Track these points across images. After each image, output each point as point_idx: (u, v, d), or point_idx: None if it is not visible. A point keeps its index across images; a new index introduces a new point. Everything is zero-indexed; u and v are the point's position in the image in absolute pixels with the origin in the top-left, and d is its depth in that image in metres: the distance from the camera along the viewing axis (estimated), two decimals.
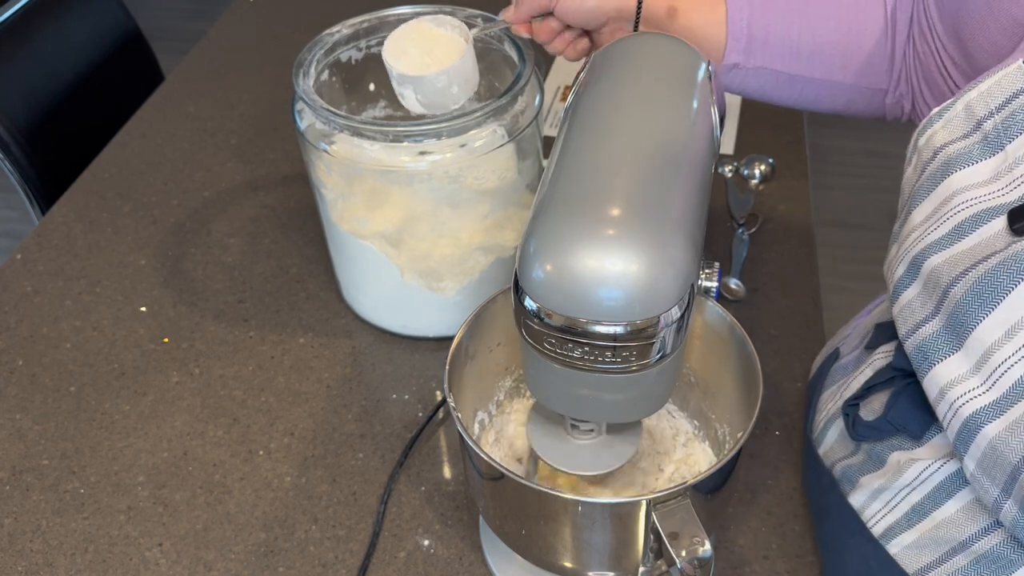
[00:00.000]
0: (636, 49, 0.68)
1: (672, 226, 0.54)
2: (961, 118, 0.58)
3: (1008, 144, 0.55)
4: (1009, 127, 0.55)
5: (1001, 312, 0.53)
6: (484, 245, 0.91)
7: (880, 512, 0.66)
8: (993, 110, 0.56)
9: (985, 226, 0.55)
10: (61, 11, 1.43)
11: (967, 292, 0.55)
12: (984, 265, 0.54)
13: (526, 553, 0.70)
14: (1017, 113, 0.55)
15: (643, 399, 0.61)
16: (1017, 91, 0.55)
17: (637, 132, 0.60)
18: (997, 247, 0.54)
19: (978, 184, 0.56)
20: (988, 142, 0.56)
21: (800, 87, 0.80)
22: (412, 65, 0.82)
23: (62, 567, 0.78)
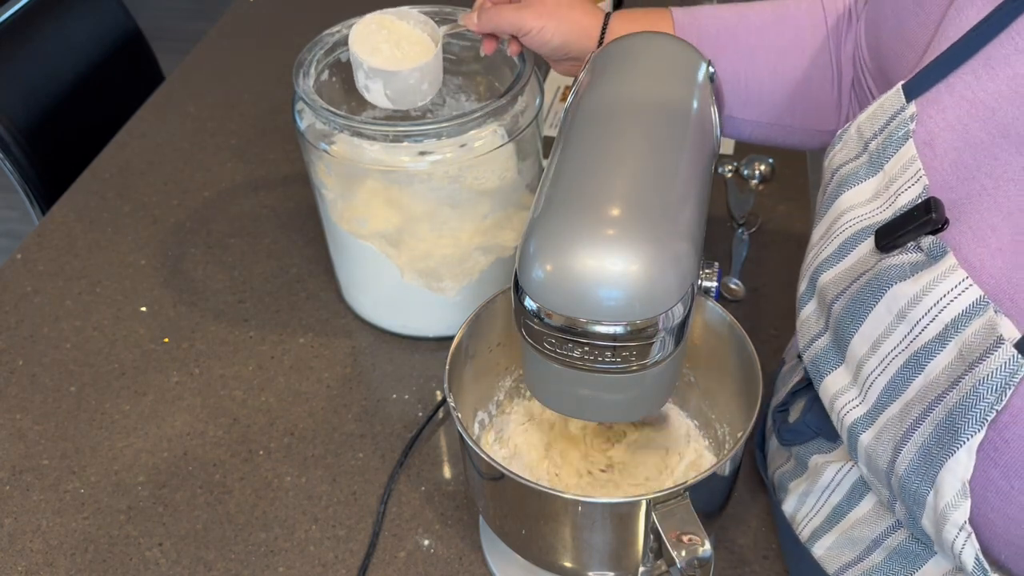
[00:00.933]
0: (636, 49, 0.68)
1: (672, 226, 0.54)
2: (854, 139, 0.61)
3: (886, 163, 0.57)
4: (887, 146, 0.57)
5: (866, 327, 0.56)
6: (484, 245, 0.91)
7: (807, 517, 0.68)
8: (877, 131, 0.59)
9: (862, 244, 0.57)
10: (61, 11, 1.43)
11: (843, 308, 0.58)
12: (857, 283, 0.57)
13: (526, 553, 0.70)
14: (894, 133, 0.57)
15: (643, 399, 0.61)
16: (896, 112, 0.57)
17: (637, 132, 0.60)
18: (869, 265, 0.56)
19: (862, 203, 0.58)
20: (872, 162, 0.58)
21: (750, 129, 0.82)
22: (383, 60, 0.82)
23: (62, 567, 0.78)
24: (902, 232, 0.53)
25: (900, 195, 0.55)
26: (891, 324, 0.54)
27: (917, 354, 0.52)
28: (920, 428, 0.52)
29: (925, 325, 0.52)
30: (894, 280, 0.54)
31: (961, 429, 0.49)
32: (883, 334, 0.55)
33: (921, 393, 0.52)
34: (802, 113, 0.79)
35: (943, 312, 0.51)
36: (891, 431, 0.54)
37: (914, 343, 0.53)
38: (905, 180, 0.55)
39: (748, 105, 0.79)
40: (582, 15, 0.80)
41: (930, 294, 0.51)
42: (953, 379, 0.50)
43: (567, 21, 0.80)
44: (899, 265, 0.54)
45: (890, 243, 0.54)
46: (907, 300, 0.53)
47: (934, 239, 0.52)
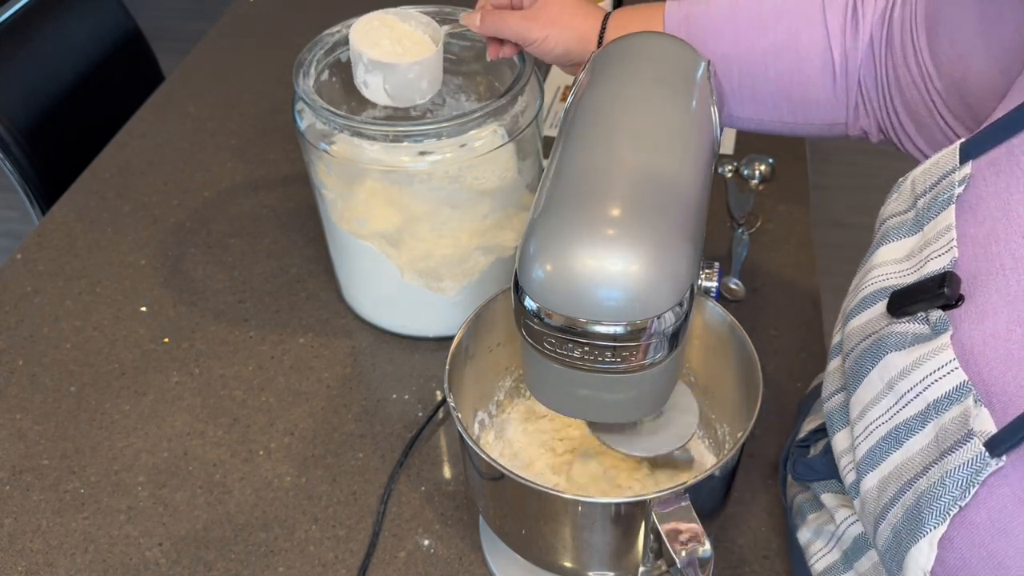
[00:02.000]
0: (636, 49, 0.68)
1: (672, 226, 0.54)
2: (907, 192, 0.59)
3: (926, 224, 0.55)
4: (931, 207, 0.55)
5: (861, 391, 0.55)
6: (484, 245, 0.91)
7: (820, 552, 0.67)
8: (928, 188, 0.56)
9: (878, 303, 0.56)
10: (61, 11, 1.43)
11: (849, 367, 0.56)
12: (863, 344, 0.55)
13: (526, 553, 0.70)
14: (940, 194, 0.55)
15: (643, 399, 0.61)
16: (947, 171, 0.55)
17: (637, 132, 0.60)
18: (877, 327, 0.55)
19: (894, 260, 0.57)
20: (917, 219, 0.57)
21: (752, 125, 0.80)
22: (384, 53, 0.82)
23: (62, 567, 0.78)
24: (915, 301, 0.52)
25: (929, 261, 0.53)
26: (880, 392, 0.53)
27: (898, 428, 0.51)
28: (893, 509, 0.51)
29: (909, 400, 0.51)
30: (890, 349, 0.52)
31: (926, 519, 0.48)
32: (872, 401, 0.54)
33: (898, 470, 0.51)
34: (802, 110, 0.78)
35: (927, 390, 0.50)
36: (871, 504, 0.53)
37: (897, 416, 0.51)
38: (938, 247, 0.53)
39: (744, 104, 0.78)
40: (583, 20, 0.80)
41: (918, 369, 0.50)
42: (926, 464, 0.49)
43: (569, 29, 0.80)
44: (901, 334, 0.52)
45: (901, 310, 0.53)
46: (898, 371, 0.52)
47: (941, 314, 0.50)
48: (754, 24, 0.76)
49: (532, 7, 0.81)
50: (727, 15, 0.77)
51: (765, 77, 0.76)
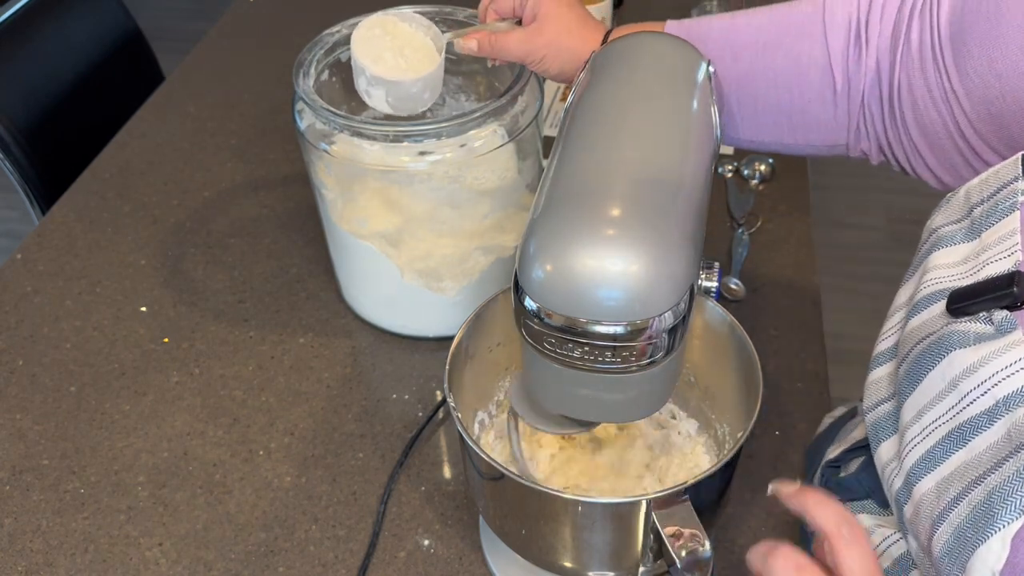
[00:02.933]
0: (636, 49, 0.68)
1: (672, 226, 0.54)
2: (960, 203, 0.59)
3: (984, 231, 0.55)
4: (990, 215, 0.55)
5: (918, 393, 0.53)
6: (484, 245, 0.91)
7: None
8: (985, 198, 0.56)
9: (934, 305, 0.55)
10: (61, 11, 1.43)
11: (905, 371, 0.55)
12: (921, 345, 0.54)
13: (526, 553, 0.70)
14: (1000, 203, 0.55)
15: (643, 399, 0.61)
16: (1008, 181, 0.55)
17: (637, 132, 0.60)
18: (935, 327, 0.54)
19: (948, 265, 0.56)
20: (972, 228, 0.56)
21: (755, 147, 0.80)
22: (387, 68, 0.82)
23: (62, 567, 0.78)
24: (978, 300, 0.51)
25: (988, 265, 0.53)
26: (942, 391, 0.52)
27: (962, 427, 0.50)
28: (957, 508, 0.49)
29: (975, 398, 0.49)
30: (955, 346, 0.51)
31: (998, 515, 0.47)
32: (932, 401, 0.52)
33: (962, 469, 0.50)
34: (801, 132, 0.77)
35: (997, 387, 0.49)
36: (927, 507, 0.52)
37: (960, 415, 0.50)
38: (999, 251, 0.53)
39: (743, 128, 0.78)
40: (582, 44, 0.79)
41: (987, 366, 0.49)
42: (997, 460, 0.48)
43: (566, 52, 0.80)
44: (963, 332, 0.51)
45: (962, 309, 0.52)
46: (963, 369, 0.50)
47: (1007, 314, 0.50)
48: (753, 48, 0.75)
49: (532, 26, 0.81)
50: (726, 39, 0.76)
51: (765, 101, 0.76)
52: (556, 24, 0.80)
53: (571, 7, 0.81)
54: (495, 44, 0.82)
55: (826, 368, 0.92)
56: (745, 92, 0.76)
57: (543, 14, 0.80)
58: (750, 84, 0.76)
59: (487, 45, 0.82)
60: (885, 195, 2.48)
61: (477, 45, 0.83)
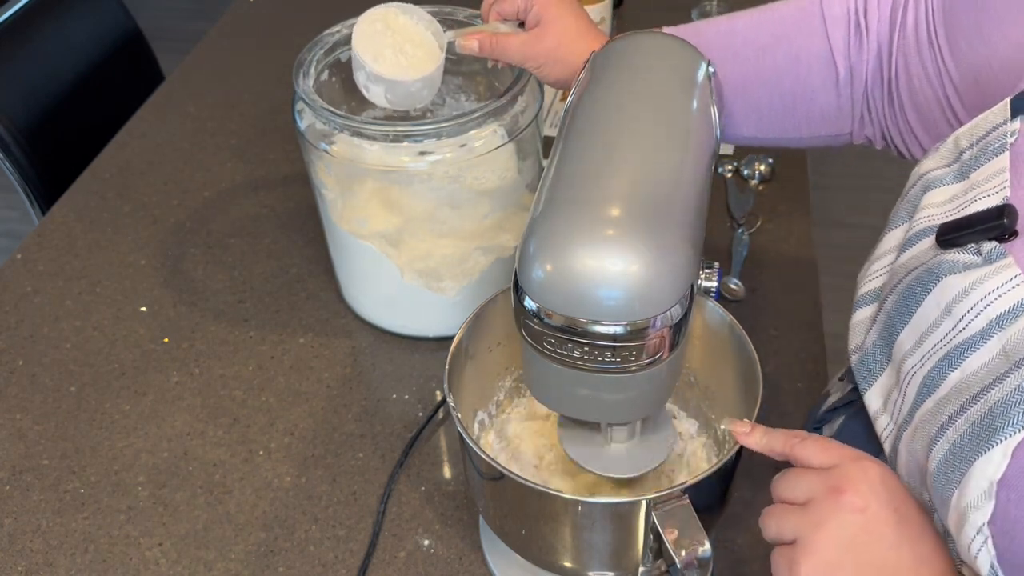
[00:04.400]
0: (636, 49, 0.68)
1: (672, 226, 0.54)
2: (949, 149, 0.60)
3: (973, 172, 0.57)
4: (979, 156, 0.57)
5: (915, 320, 0.55)
6: (484, 245, 0.91)
7: None
8: (974, 142, 0.58)
9: (923, 241, 0.57)
10: (61, 11, 1.43)
11: (895, 303, 0.57)
12: (911, 275, 0.56)
13: (526, 553, 0.70)
14: (990, 144, 0.56)
15: (643, 399, 0.61)
16: (998, 124, 0.57)
17: (637, 132, 0.60)
18: (924, 260, 0.56)
19: (937, 204, 0.58)
20: (961, 170, 0.58)
21: (757, 144, 0.81)
22: (387, 66, 0.82)
23: (62, 567, 0.78)
24: (967, 231, 0.53)
25: (977, 201, 0.55)
26: (938, 318, 0.53)
27: (957, 348, 0.52)
28: (955, 424, 0.51)
29: (969, 321, 0.51)
30: (947, 272, 0.53)
31: (1000, 427, 0.48)
32: (929, 328, 0.54)
33: (957, 389, 0.51)
34: (806, 125, 0.78)
35: (989, 307, 0.50)
36: (925, 428, 0.53)
37: (956, 338, 0.52)
38: (987, 188, 0.55)
39: (748, 126, 0.79)
40: (581, 55, 0.79)
41: (978, 288, 0.51)
42: (995, 376, 0.49)
43: (564, 63, 0.80)
44: (953, 261, 0.53)
45: (951, 240, 0.54)
46: (956, 293, 0.52)
47: (996, 245, 0.51)
48: (754, 49, 0.76)
49: (534, 31, 0.81)
50: (726, 43, 0.77)
51: (769, 99, 0.77)
52: (558, 32, 0.80)
53: (576, 16, 0.81)
54: (496, 46, 0.82)
55: (826, 368, 0.92)
56: (749, 92, 0.77)
57: (546, 20, 0.80)
58: (754, 84, 0.77)
59: (488, 46, 0.82)
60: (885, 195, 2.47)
61: (478, 45, 0.83)
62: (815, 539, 0.52)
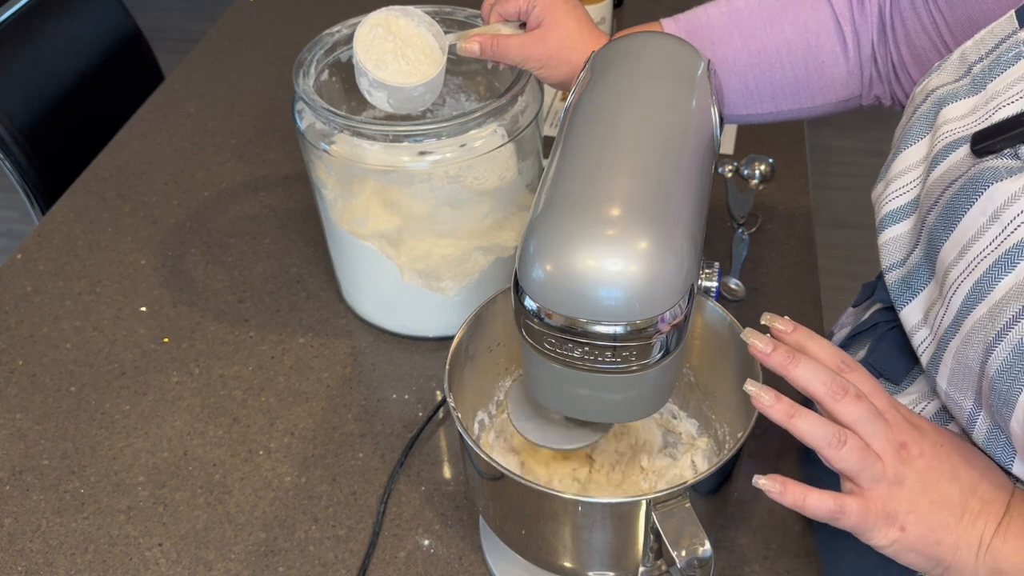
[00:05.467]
0: (636, 49, 0.68)
1: (672, 226, 0.54)
2: (955, 65, 0.61)
3: (990, 83, 0.58)
4: (993, 68, 0.58)
5: (958, 232, 0.56)
6: (484, 245, 0.91)
7: None
8: (984, 54, 0.59)
9: (954, 153, 0.58)
10: (61, 11, 1.43)
11: (937, 217, 0.58)
12: (950, 189, 0.57)
13: (526, 553, 0.70)
14: (1002, 56, 0.58)
15: (643, 399, 0.61)
16: (1006, 36, 0.58)
17: (637, 132, 0.60)
18: (963, 170, 0.56)
19: (958, 117, 0.59)
20: (975, 83, 0.59)
21: (771, 119, 0.83)
22: (390, 73, 0.81)
23: (62, 567, 0.78)
24: (1001, 137, 0.54)
25: (1000, 109, 0.55)
26: (983, 226, 0.54)
27: (1009, 252, 0.52)
28: (1018, 326, 0.52)
29: (1019, 224, 0.52)
30: (991, 181, 0.54)
31: None
32: (973, 237, 0.55)
33: (1014, 292, 0.52)
34: (820, 93, 0.80)
35: None
36: (980, 334, 0.54)
37: (1005, 242, 0.53)
38: (1010, 95, 0.56)
39: (763, 102, 0.80)
40: (581, 57, 0.80)
41: None
42: None
43: (565, 64, 0.81)
44: (995, 168, 0.54)
45: (986, 148, 0.55)
46: (1004, 199, 0.53)
47: None
48: (759, 24, 0.78)
49: (535, 33, 0.81)
50: (730, 21, 0.78)
51: (782, 72, 0.78)
52: (559, 35, 0.80)
53: (577, 19, 0.81)
54: (496, 47, 0.82)
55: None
56: (761, 69, 0.79)
57: (548, 22, 0.81)
58: (763, 60, 0.78)
59: (489, 48, 0.83)
60: None
61: (479, 48, 0.83)
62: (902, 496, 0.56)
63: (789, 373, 0.57)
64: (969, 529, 0.56)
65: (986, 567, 0.56)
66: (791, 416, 0.56)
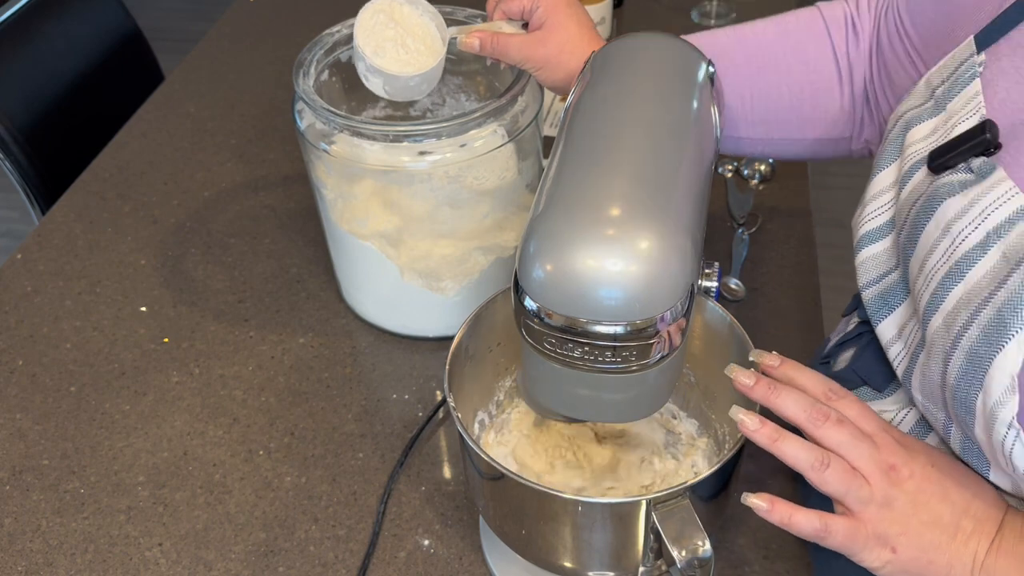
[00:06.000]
0: (636, 49, 0.68)
1: (672, 226, 0.54)
2: (922, 90, 0.64)
3: (949, 103, 0.60)
4: (951, 88, 0.60)
5: (919, 248, 0.58)
6: (484, 245, 0.91)
7: None
8: (945, 78, 0.62)
9: (917, 173, 0.60)
10: (61, 11, 1.43)
11: (905, 236, 0.60)
12: (914, 208, 0.59)
13: (526, 553, 0.70)
14: (960, 76, 0.60)
15: (643, 399, 0.61)
16: (965, 59, 0.61)
17: (637, 132, 0.60)
18: (923, 189, 0.59)
19: (922, 138, 0.61)
20: (937, 105, 0.62)
21: (761, 147, 0.83)
22: (388, 61, 0.81)
23: (62, 567, 0.78)
24: (955, 152, 0.56)
25: (957, 126, 0.58)
26: (937, 239, 0.56)
27: (959, 263, 0.54)
28: (968, 333, 0.53)
29: (967, 235, 0.54)
30: (945, 196, 0.56)
31: (1010, 323, 0.51)
32: (929, 251, 0.57)
33: (963, 300, 0.54)
34: (811, 125, 0.80)
35: (987, 220, 0.53)
36: (939, 344, 0.56)
37: (955, 253, 0.55)
38: (965, 112, 0.58)
39: (755, 124, 0.81)
40: (581, 60, 0.80)
41: (976, 205, 0.54)
42: (999, 280, 0.52)
43: (564, 68, 0.81)
44: (949, 183, 0.56)
45: (942, 164, 0.57)
46: (955, 212, 0.55)
47: (984, 160, 0.54)
48: (762, 45, 0.79)
49: (537, 34, 0.81)
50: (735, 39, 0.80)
51: (778, 93, 0.79)
52: (560, 38, 0.81)
53: (579, 24, 0.81)
54: (497, 45, 0.82)
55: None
56: (758, 87, 0.79)
57: (550, 25, 0.81)
58: (762, 79, 0.79)
59: (489, 45, 0.83)
60: None
61: (479, 44, 0.83)
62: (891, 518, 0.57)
63: (772, 403, 0.59)
64: (962, 549, 0.57)
65: None
66: (775, 440, 0.58)
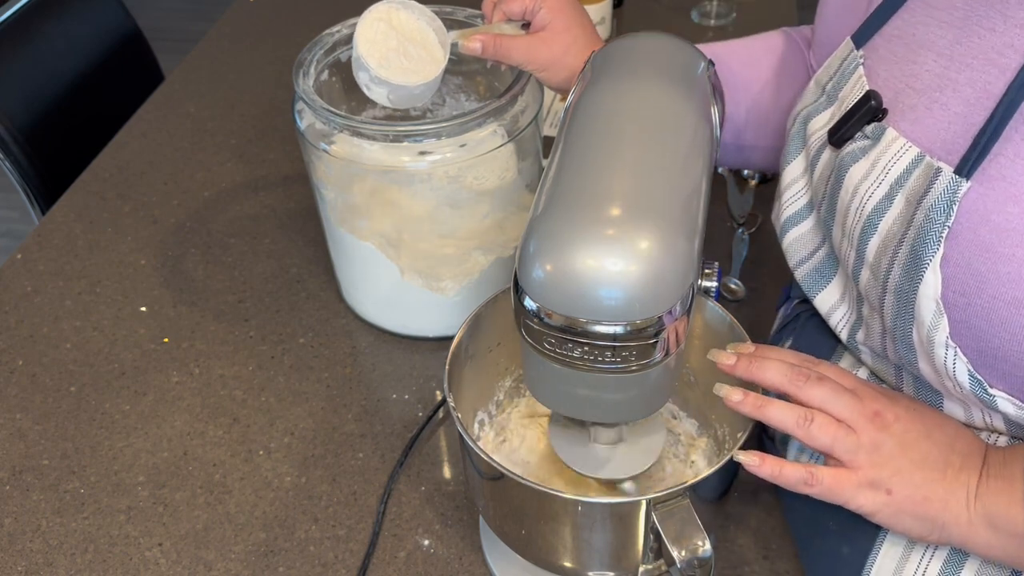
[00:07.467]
0: (636, 48, 0.68)
1: (672, 226, 0.54)
2: (812, 90, 0.70)
3: (839, 92, 0.66)
4: (840, 81, 0.66)
5: (839, 215, 0.63)
6: (484, 245, 0.91)
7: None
8: (832, 75, 0.67)
9: (824, 154, 0.66)
10: (61, 11, 1.43)
11: (826, 209, 0.65)
12: (828, 184, 0.65)
13: (526, 553, 0.70)
14: (845, 70, 0.66)
15: (643, 399, 0.61)
16: (845, 56, 0.66)
17: (637, 132, 0.60)
18: (832, 165, 0.64)
19: (822, 126, 0.66)
20: (829, 98, 0.67)
21: (747, 154, 0.85)
22: (391, 71, 0.81)
23: (62, 567, 0.78)
24: (849, 123, 0.62)
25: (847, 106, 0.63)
26: (848, 202, 0.61)
27: (870, 217, 0.59)
28: (891, 275, 0.58)
29: (873, 191, 0.59)
30: (849, 164, 0.62)
31: (923, 255, 0.55)
32: (844, 214, 0.62)
33: (882, 248, 0.59)
34: None
35: (888, 174, 0.58)
36: (872, 294, 0.60)
37: (866, 209, 0.59)
38: (852, 95, 0.64)
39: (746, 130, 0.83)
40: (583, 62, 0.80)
41: (878, 164, 0.59)
42: (907, 221, 0.57)
43: (567, 70, 0.82)
44: (851, 152, 0.62)
45: (840, 136, 0.63)
46: (860, 175, 0.60)
47: (876, 124, 0.60)
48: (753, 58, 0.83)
49: (539, 35, 0.82)
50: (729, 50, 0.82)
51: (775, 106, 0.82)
52: (565, 40, 0.81)
53: (582, 25, 0.82)
54: (499, 47, 0.82)
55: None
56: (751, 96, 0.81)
57: (554, 26, 0.81)
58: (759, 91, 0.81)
59: (491, 48, 0.83)
60: None
61: (481, 47, 0.83)
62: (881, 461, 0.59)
63: (754, 375, 0.62)
64: (954, 482, 0.59)
65: (979, 515, 0.58)
66: (760, 407, 0.60)
